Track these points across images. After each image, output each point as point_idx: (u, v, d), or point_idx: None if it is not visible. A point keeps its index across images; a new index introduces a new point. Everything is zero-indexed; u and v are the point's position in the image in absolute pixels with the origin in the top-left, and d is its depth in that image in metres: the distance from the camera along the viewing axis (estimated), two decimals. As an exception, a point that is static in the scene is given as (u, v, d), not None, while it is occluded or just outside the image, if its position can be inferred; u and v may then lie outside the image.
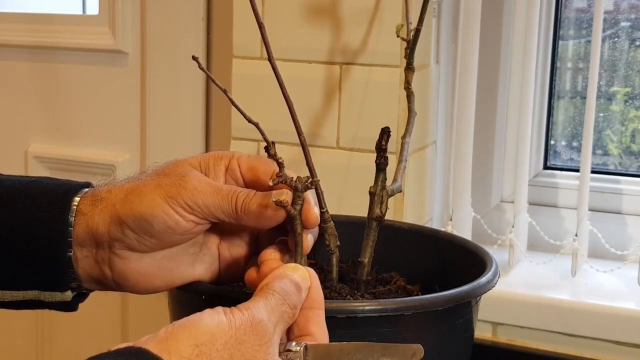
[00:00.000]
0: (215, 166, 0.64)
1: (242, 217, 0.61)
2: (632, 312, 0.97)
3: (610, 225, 1.11)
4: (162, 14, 1.24)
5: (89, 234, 0.62)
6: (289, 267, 0.56)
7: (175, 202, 0.60)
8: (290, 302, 0.54)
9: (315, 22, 1.03)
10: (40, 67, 1.35)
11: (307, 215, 0.61)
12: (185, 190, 0.60)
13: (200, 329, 0.49)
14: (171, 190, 0.60)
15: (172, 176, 0.61)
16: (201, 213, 0.61)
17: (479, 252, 0.79)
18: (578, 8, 1.18)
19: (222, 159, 0.65)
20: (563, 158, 1.20)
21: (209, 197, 0.60)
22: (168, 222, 0.60)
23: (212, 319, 0.50)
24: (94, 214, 0.62)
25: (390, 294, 0.77)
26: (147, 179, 0.62)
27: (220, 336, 0.49)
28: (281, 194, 0.60)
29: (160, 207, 0.60)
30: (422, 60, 1.02)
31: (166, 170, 0.62)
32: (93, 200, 0.62)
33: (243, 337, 0.50)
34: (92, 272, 0.64)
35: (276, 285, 0.54)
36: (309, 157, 0.79)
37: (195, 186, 0.60)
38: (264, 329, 0.51)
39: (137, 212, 0.60)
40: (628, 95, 1.16)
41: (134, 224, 0.61)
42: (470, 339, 0.73)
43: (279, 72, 0.77)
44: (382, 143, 0.73)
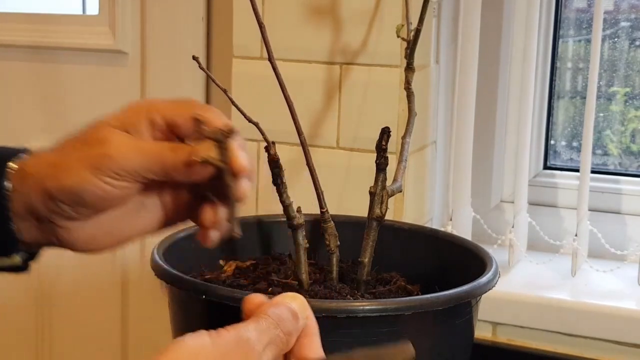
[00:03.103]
0: (137, 122, 0.61)
1: (171, 175, 0.59)
2: (632, 312, 0.97)
3: (610, 225, 1.11)
4: (162, 14, 1.25)
5: (27, 210, 0.61)
6: (287, 295, 0.54)
7: (101, 172, 0.59)
8: (284, 328, 0.52)
9: (316, 22, 1.03)
10: (40, 67, 1.35)
11: (233, 164, 0.58)
12: (109, 158, 0.58)
13: (182, 352, 0.47)
14: (96, 161, 0.59)
15: (94, 144, 0.59)
16: (130, 177, 0.59)
17: (478, 252, 0.79)
18: (578, 8, 1.18)
19: (141, 113, 0.62)
20: (563, 158, 1.20)
21: (135, 161, 0.59)
22: (98, 193, 0.59)
23: (194, 341, 0.48)
24: (27, 191, 0.60)
25: (390, 294, 0.77)
26: (69, 150, 0.60)
27: (204, 355, 0.48)
28: (205, 149, 0.58)
29: (88, 180, 0.59)
30: (422, 60, 1.02)
31: (87, 137, 0.61)
32: (22, 176, 0.61)
33: (227, 356, 0.48)
34: (38, 239, 0.63)
35: (270, 311, 0.52)
36: (309, 157, 0.79)
37: (120, 152, 0.59)
38: (250, 347, 0.49)
39: (66, 187, 0.59)
40: (628, 95, 1.16)
41: (66, 198, 0.60)
42: (470, 338, 0.73)
43: (279, 72, 0.77)
44: (382, 143, 0.73)
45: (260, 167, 1.07)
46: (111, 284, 1.34)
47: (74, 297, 1.38)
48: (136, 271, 1.33)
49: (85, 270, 1.35)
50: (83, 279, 1.36)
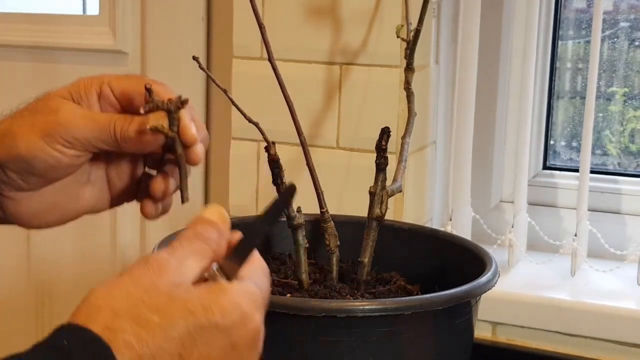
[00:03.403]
0: (88, 94, 0.63)
1: (122, 145, 0.60)
2: (632, 312, 0.97)
3: (610, 225, 1.12)
4: (162, 14, 1.25)
5: None
6: (202, 211, 0.54)
7: (52, 140, 0.59)
8: (202, 236, 0.51)
9: (315, 23, 1.03)
10: (40, 67, 1.35)
11: (184, 134, 0.59)
12: (60, 125, 0.59)
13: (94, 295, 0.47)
14: (46, 128, 0.59)
15: (45, 112, 0.60)
16: (81, 146, 0.60)
17: (478, 252, 0.79)
18: (577, 8, 1.18)
19: (92, 85, 0.63)
20: (562, 158, 1.20)
21: (86, 129, 0.59)
22: (49, 160, 0.60)
23: (100, 284, 0.48)
24: None
25: (390, 293, 0.77)
26: (19, 119, 0.61)
27: (114, 285, 0.47)
28: (156, 118, 0.58)
29: (38, 146, 0.59)
30: (422, 61, 1.02)
31: (37, 107, 0.61)
32: None
33: (138, 277, 0.48)
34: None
35: (184, 231, 0.52)
36: (309, 157, 0.79)
37: (71, 120, 0.59)
38: (159, 262, 0.48)
39: (15, 154, 0.59)
40: (627, 95, 1.16)
41: (15, 166, 0.60)
42: (470, 338, 0.73)
43: (279, 72, 0.77)
44: (382, 143, 0.73)
45: (260, 167, 1.07)
46: (111, 283, 1.34)
47: (74, 296, 1.38)
48: (136, 271, 1.32)
49: (85, 270, 1.35)
50: (83, 278, 1.36)
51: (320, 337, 0.63)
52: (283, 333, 0.63)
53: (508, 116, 1.16)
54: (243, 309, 0.49)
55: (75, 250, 1.34)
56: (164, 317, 0.46)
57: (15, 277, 1.43)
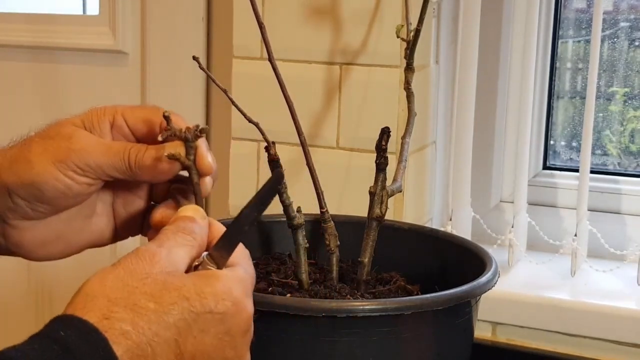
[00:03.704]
0: (100, 123, 0.61)
1: (136, 173, 0.59)
2: (632, 312, 0.97)
3: (610, 225, 1.11)
4: (162, 14, 1.25)
5: None
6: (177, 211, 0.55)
7: (65, 166, 0.58)
8: (185, 230, 0.53)
9: (315, 23, 1.03)
10: (40, 67, 1.35)
11: (201, 163, 0.59)
12: (74, 152, 0.58)
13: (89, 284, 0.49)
14: (59, 154, 0.58)
15: (58, 138, 0.59)
16: (93, 173, 0.59)
17: (478, 252, 0.79)
18: (577, 8, 1.18)
19: (105, 114, 0.62)
20: (562, 158, 1.20)
21: (100, 157, 0.59)
22: (59, 187, 0.58)
23: (95, 274, 0.50)
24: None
25: (390, 293, 0.77)
26: (31, 144, 0.60)
27: (108, 275, 0.49)
28: (173, 146, 0.58)
29: (50, 172, 0.58)
30: (422, 61, 1.02)
31: (50, 133, 0.60)
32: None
33: (132, 267, 0.49)
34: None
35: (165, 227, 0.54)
36: (309, 157, 0.79)
37: (84, 147, 0.58)
38: (150, 252, 0.50)
39: (26, 180, 0.58)
40: (627, 95, 1.16)
41: (24, 192, 0.59)
42: (470, 338, 0.73)
43: (279, 72, 0.77)
44: (382, 143, 0.73)
45: (260, 167, 1.07)
46: (111, 283, 1.34)
47: (74, 297, 1.38)
48: (136, 271, 1.32)
49: (85, 271, 1.35)
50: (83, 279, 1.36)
51: (320, 337, 0.63)
52: (283, 333, 0.63)
53: (508, 116, 1.16)
54: (235, 295, 0.50)
55: (75, 250, 1.34)
56: (159, 303, 0.47)
57: (16, 279, 1.43)
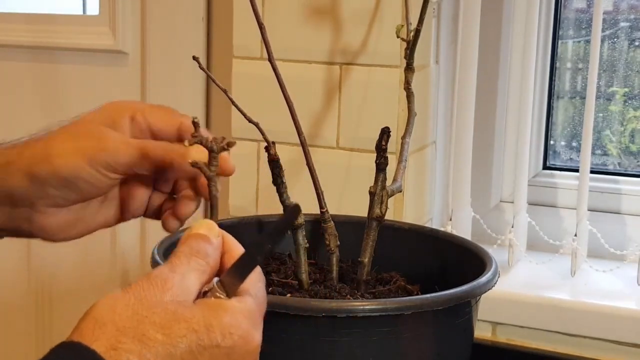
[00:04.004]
0: (120, 119, 0.67)
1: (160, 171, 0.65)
2: (632, 312, 0.97)
3: (610, 225, 1.11)
4: (162, 14, 1.25)
5: (3, 196, 0.65)
6: (192, 226, 0.55)
7: (98, 164, 0.64)
8: (199, 253, 0.53)
9: (315, 23, 1.03)
10: (40, 67, 1.35)
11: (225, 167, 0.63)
12: (107, 152, 0.64)
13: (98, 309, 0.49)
14: (93, 154, 0.64)
15: (89, 137, 0.64)
16: (123, 171, 0.65)
17: (478, 252, 0.79)
18: (577, 8, 1.18)
19: (125, 111, 0.68)
20: (562, 158, 1.20)
21: (132, 157, 0.64)
22: (92, 181, 0.64)
23: (106, 297, 0.50)
24: (6, 177, 0.65)
25: (390, 293, 0.77)
26: (62, 140, 0.65)
27: (119, 301, 0.49)
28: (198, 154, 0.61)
29: (85, 169, 0.64)
30: (422, 61, 1.02)
31: (79, 132, 0.65)
32: (3, 163, 0.65)
33: (143, 293, 0.49)
34: (6, 225, 0.67)
35: (178, 247, 0.53)
36: (309, 157, 0.79)
37: (117, 147, 0.64)
38: (162, 278, 0.50)
39: (62, 174, 0.64)
40: (627, 95, 1.16)
41: (57, 184, 0.64)
42: (470, 338, 0.73)
43: (279, 73, 0.77)
44: (382, 143, 0.73)
45: (260, 167, 1.07)
46: (111, 283, 1.34)
47: (74, 296, 1.38)
48: (136, 271, 1.33)
49: (84, 270, 1.35)
50: (83, 278, 1.36)
51: (320, 337, 0.63)
52: (283, 333, 0.63)
53: (508, 116, 1.16)
54: (243, 328, 0.50)
55: (75, 251, 1.34)
56: (168, 335, 0.48)
57: (16, 279, 1.43)
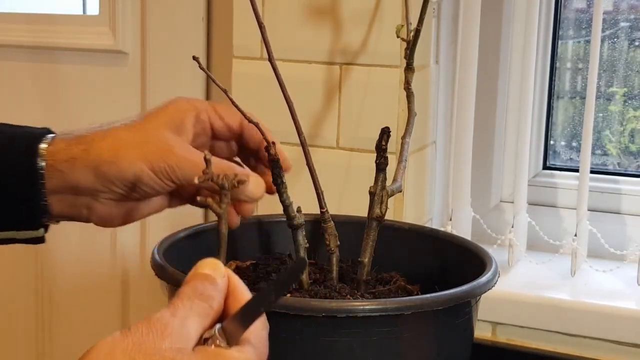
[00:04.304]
0: (186, 120, 0.71)
1: None
2: (632, 312, 0.97)
3: (610, 225, 1.12)
4: (162, 14, 1.25)
5: (66, 187, 0.68)
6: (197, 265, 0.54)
7: (165, 177, 0.68)
8: (202, 296, 0.51)
9: (316, 23, 1.03)
10: (40, 67, 1.35)
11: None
12: (170, 166, 0.68)
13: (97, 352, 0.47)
14: (157, 163, 0.68)
15: (156, 148, 0.68)
16: (184, 180, 0.69)
17: (478, 252, 0.79)
18: (577, 8, 1.18)
19: (191, 111, 0.72)
20: (562, 158, 1.20)
21: (192, 169, 0.67)
22: (153, 186, 0.68)
23: (105, 340, 0.48)
24: (73, 170, 0.68)
25: (390, 293, 0.77)
26: (128, 145, 0.68)
27: (118, 346, 0.47)
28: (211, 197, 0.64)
29: (148, 175, 0.68)
30: (422, 61, 1.02)
31: (146, 138, 0.68)
32: (68, 158, 0.68)
33: (142, 339, 0.47)
34: (65, 212, 0.71)
35: (181, 288, 0.52)
36: (309, 157, 0.79)
37: (184, 160, 0.68)
38: (162, 323, 0.48)
39: (126, 177, 0.68)
40: (627, 95, 1.16)
41: (122, 183, 0.68)
42: (470, 338, 0.73)
43: (279, 73, 0.77)
44: (382, 143, 0.73)
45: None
46: (111, 283, 1.35)
47: (74, 296, 1.39)
48: (136, 271, 1.33)
49: (85, 270, 1.35)
50: (83, 278, 1.36)
51: (320, 337, 0.63)
52: (283, 333, 0.63)
53: (508, 116, 1.16)
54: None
55: (75, 251, 1.34)
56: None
57: (16, 279, 1.43)
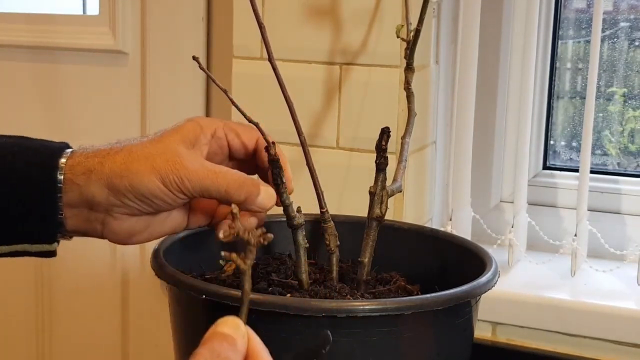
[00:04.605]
0: (202, 135, 0.72)
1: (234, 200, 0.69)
2: (632, 312, 0.97)
3: (610, 225, 1.12)
4: (162, 14, 1.25)
5: (82, 201, 0.69)
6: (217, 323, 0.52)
7: (176, 188, 0.68)
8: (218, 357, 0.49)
9: (315, 23, 1.03)
10: (40, 67, 1.35)
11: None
12: (183, 179, 0.68)
13: None
14: (170, 177, 0.67)
15: (169, 159, 0.68)
16: (198, 193, 0.68)
17: (478, 252, 0.79)
18: (577, 8, 1.18)
19: (208, 128, 0.73)
20: (562, 158, 1.20)
21: (206, 182, 0.68)
22: (165, 199, 0.68)
23: None
24: (88, 184, 0.68)
25: (390, 293, 0.77)
26: (141, 158, 0.68)
27: None
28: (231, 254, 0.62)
29: (160, 188, 0.68)
30: (422, 61, 1.02)
31: (159, 151, 0.68)
32: (84, 171, 0.68)
33: None
34: (81, 227, 0.71)
35: (199, 348, 0.50)
36: (309, 157, 0.79)
37: (194, 172, 0.68)
38: None
39: (139, 191, 0.68)
40: (626, 95, 1.16)
41: (134, 197, 0.68)
42: (470, 338, 0.73)
43: (279, 73, 0.77)
44: (382, 143, 0.73)
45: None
46: (111, 284, 1.35)
47: (74, 297, 1.39)
48: (136, 271, 1.33)
49: (85, 270, 1.35)
50: (83, 279, 1.36)
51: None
52: (283, 333, 0.63)
53: (508, 116, 1.16)
54: None
55: (75, 253, 1.34)
56: None
57: (16, 279, 1.43)
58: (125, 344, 1.36)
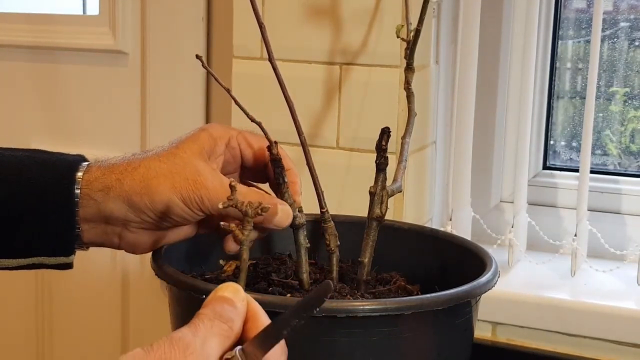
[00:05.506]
0: (217, 147, 0.73)
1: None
2: (632, 312, 0.97)
3: (610, 225, 1.12)
4: (162, 14, 1.25)
5: (100, 216, 0.70)
6: (219, 288, 0.54)
7: (196, 207, 0.70)
8: (222, 317, 0.52)
9: (315, 23, 1.03)
10: (40, 67, 1.35)
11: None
12: (204, 199, 0.69)
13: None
14: (191, 196, 0.69)
15: (188, 178, 0.69)
16: (214, 211, 0.70)
17: (478, 252, 0.79)
18: (577, 8, 1.18)
19: (222, 139, 0.74)
20: (562, 158, 1.20)
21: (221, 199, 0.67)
22: (184, 216, 0.70)
23: (126, 356, 0.49)
24: (106, 200, 0.69)
25: (390, 293, 0.77)
26: (159, 176, 0.69)
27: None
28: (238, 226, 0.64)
29: (179, 206, 0.69)
30: (422, 61, 1.02)
31: (177, 169, 0.70)
32: (102, 188, 0.69)
33: (164, 356, 0.48)
34: (97, 239, 0.72)
35: (202, 309, 0.53)
36: (309, 157, 0.79)
37: (214, 191, 0.69)
38: (184, 342, 0.49)
39: (158, 208, 0.69)
40: (627, 95, 1.16)
41: (153, 214, 0.70)
42: (470, 338, 0.73)
43: (279, 72, 0.77)
44: (382, 143, 0.73)
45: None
46: (111, 284, 1.35)
47: (74, 297, 1.39)
48: (136, 271, 1.33)
49: (85, 271, 1.35)
50: (83, 279, 1.36)
51: (320, 337, 0.63)
52: (283, 333, 0.63)
53: (508, 116, 1.16)
54: None
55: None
56: None
57: (16, 279, 1.43)
58: (125, 344, 1.36)
